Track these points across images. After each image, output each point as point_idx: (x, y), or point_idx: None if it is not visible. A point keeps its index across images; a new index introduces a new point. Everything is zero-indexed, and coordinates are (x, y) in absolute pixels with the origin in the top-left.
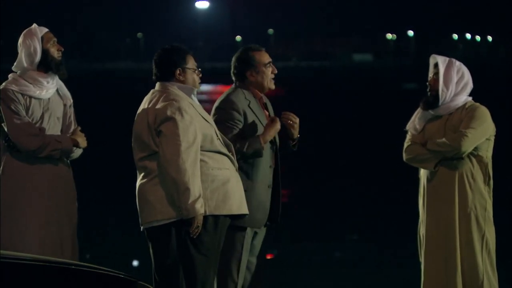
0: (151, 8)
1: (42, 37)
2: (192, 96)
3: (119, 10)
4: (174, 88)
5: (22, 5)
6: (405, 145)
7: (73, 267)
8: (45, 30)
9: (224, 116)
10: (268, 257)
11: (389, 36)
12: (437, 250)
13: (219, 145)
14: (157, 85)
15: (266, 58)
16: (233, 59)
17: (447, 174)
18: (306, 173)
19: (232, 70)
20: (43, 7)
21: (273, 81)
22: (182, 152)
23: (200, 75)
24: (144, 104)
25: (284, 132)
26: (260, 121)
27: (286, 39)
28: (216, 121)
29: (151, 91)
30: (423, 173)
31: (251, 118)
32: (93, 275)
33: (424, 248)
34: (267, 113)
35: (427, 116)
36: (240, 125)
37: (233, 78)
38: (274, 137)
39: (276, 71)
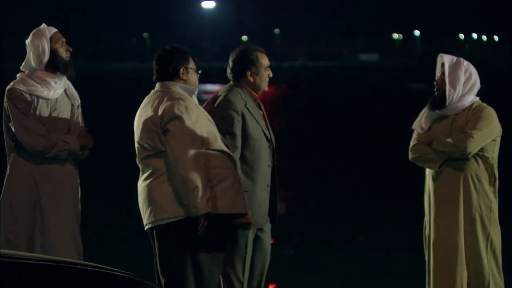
0: (157, 8)
1: (50, 37)
2: (193, 96)
3: (125, 10)
4: (177, 88)
5: (28, 4)
6: (411, 144)
7: (79, 266)
8: (54, 30)
9: (222, 116)
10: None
11: (395, 36)
12: (443, 250)
13: (222, 144)
14: (158, 85)
15: (266, 61)
16: (234, 55)
17: (452, 174)
18: (310, 173)
19: (230, 66)
20: (49, 7)
21: (267, 84)
22: (191, 150)
23: (198, 76)
24: (146, 104)
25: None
26: (256, 121)
27: (292, 39)
28: (214, 121)
29: (152, 91)
30: (428, 173)
31: (248, 118)
32: (99, 274)
33: (431, 248)
34: (261, 113)
35: (433, 116)
36: (239, 125)
37: (230, 75)
38: (271, 137)
39: (272, 75)
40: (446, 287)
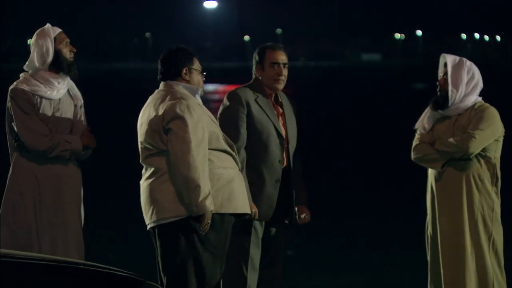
0: (159, 8)
1: (55, 38)
2: (197, 96)
3: (127, 10)
4: (180, 88)
5: (30, 5)
6: (414, 144)
7: (81, 266)
8: (58, 30)
9: (227, 109)
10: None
11: (397, 36)
12: (448, 250)
13: (224, 144)
14: (162, 84)
15: (274, 58)
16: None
17: (455, 174)
18: (312, 172)
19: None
20: (50, 7)
21: (278, 81)
22: (192, 149)
23: (204, 78)
24: (149, 104)
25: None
26: (268, 116)
27: (294, 39)
28: (220, 114)
29: (156, 90)
30: (431, 173)
31: (256, 111)
32: (102, 274)
33: (435, 248)
34: (280, 110)
35: (436, 116)
36: (243, 116)
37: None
38: (282, 133)
39: (283, 74)
40: (452, 287)
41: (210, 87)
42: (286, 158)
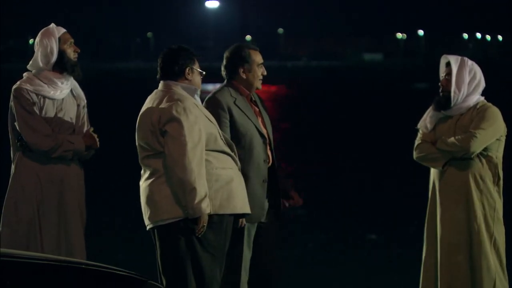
0: (161, 7)
1: (59, 38)
2: (195, 96)
3: (129, 10)
4: (178, 88)
5: (30, 4)
6: (416, 143)
7: (83, 266)
8: (63, 30)
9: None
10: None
11: (399, 35)
12: (448, 250)
13: (222, 145)
14: (161, 84)
15: (259, 58)
16: (227, 53)
17: (456, 173)
18: (314, 172)
19: (224, 64)
20: (51, 7)
21: (260, 82)
22: (188, 151)
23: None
24: (147, 104)
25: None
26: (248, 117)
27: (296, 38)
28: None
29: (155, 91)
30: (433, 172)
31: (237, 114)
32: (104, 274)
33: (434, 247)
34: (257, 109)
35: (438, 115)
36: (227, 122)
37: (223, 73)
38: (267, 133)
39: (266, 73)
40: (452, 286)
41: (210, 86)
42: (270, 156)
